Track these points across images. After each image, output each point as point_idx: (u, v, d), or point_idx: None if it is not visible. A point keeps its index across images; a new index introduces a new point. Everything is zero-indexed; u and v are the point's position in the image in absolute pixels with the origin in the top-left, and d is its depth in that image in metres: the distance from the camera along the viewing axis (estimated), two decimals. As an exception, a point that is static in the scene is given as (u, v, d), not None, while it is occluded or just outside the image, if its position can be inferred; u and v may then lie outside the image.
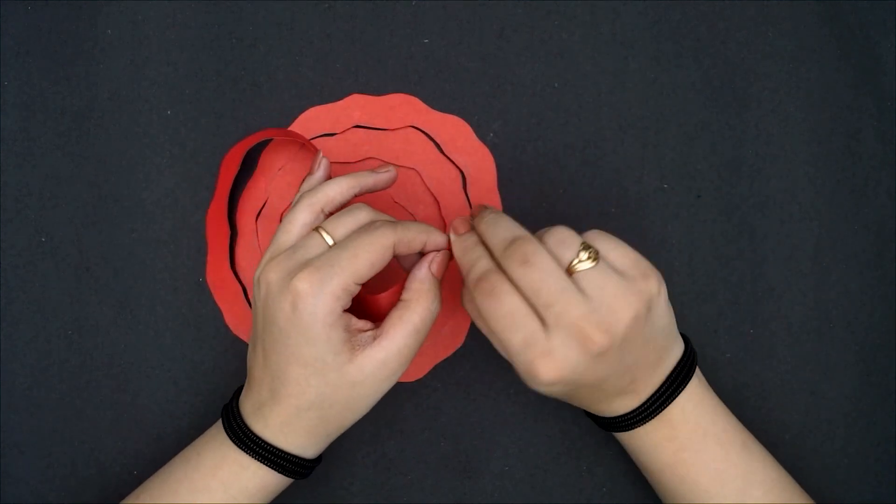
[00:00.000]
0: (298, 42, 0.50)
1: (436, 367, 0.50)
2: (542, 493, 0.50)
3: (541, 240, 0.39)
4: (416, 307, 0.41)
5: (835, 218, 0.51)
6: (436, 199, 0.50)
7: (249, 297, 0.50)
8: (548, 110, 0.50)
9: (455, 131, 0.50)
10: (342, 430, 0.43)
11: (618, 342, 0.38)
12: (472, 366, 0.50)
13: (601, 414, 0.43)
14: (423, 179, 0.50)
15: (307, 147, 0.49)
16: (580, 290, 0.37)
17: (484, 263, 0.39)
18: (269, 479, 0.43)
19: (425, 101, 0.50)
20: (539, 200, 0.50)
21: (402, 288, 0.42)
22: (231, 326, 0.50)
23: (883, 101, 0.51)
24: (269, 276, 0.40)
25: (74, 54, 0.50)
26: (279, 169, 0.50)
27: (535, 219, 0.50)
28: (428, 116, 0.50)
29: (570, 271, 0.38)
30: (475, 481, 0.50)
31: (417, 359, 0.50)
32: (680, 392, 0.42)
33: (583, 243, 0.38)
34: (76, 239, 0.50)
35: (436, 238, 0.42)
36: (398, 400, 0.50)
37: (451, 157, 0.50)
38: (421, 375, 0.50)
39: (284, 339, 0.40)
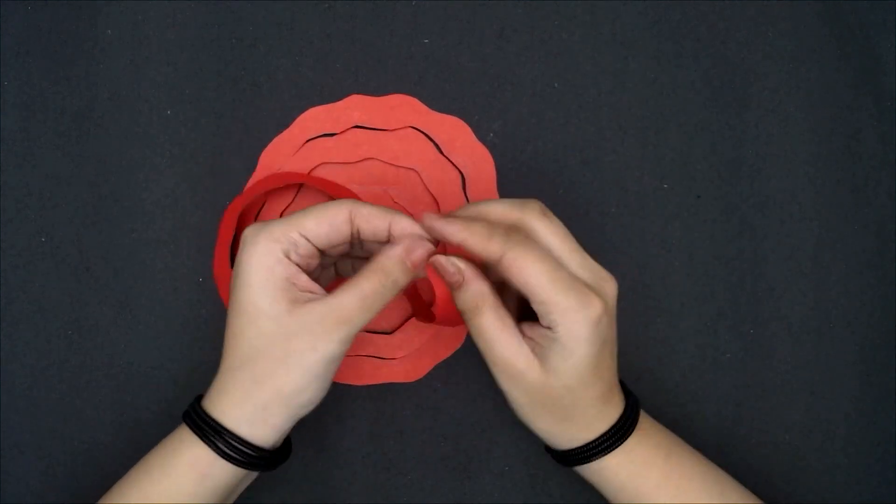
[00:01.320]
0: (298, 42, 0.50)
1: (436, 367, 0.50)
2: (542, 493, 0.50)
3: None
4: (371, 276, 0.39)
5: (835, 218, 0.51)
6: (435, 199, 0.50)
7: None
8: (548, 110, 0.50)
9: (454, 132, 0.50)
10: (281, 404, 0.39)
11: (613, 309, 0.40)
12: (472, 366, 0.50)
13: (591, 435, 0.42)
14: (422, 180, 0.50)
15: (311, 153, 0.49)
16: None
17: (501, 231, 0.39)
18: (200, 455, 0.40)
19: (425, 101, 0.50)
20: (539, 201, 0.50)
21: (438, 287, 0.41)
22: (231, 326, 0.50)
23: (883, 101, 0.51)
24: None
25: (74, 54, 0.50)
26: (278, 169, 0.50)
27: (535, 219, 0.50)
28: (427, 117, 0.50)
29: None
30: (475, 481, 0.50)
31: (417, 359, 0.50)
32: (637, 400, 0.44)
33: None
34: (76, 239, 0.50)
35: (401, 222, 0.40)
36: (398, 400, 0.50)
37: (451, 158, 0.50)
38: (421, 375, 0.50)
39: (232, 291, 0.40)
